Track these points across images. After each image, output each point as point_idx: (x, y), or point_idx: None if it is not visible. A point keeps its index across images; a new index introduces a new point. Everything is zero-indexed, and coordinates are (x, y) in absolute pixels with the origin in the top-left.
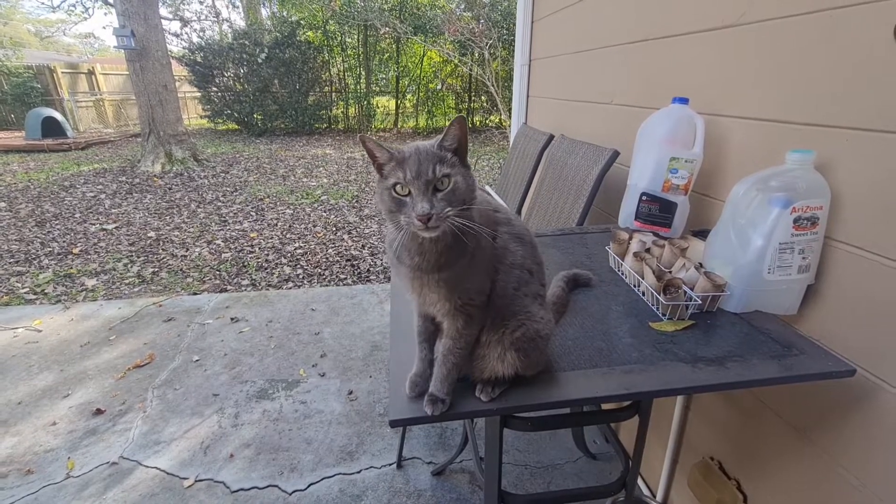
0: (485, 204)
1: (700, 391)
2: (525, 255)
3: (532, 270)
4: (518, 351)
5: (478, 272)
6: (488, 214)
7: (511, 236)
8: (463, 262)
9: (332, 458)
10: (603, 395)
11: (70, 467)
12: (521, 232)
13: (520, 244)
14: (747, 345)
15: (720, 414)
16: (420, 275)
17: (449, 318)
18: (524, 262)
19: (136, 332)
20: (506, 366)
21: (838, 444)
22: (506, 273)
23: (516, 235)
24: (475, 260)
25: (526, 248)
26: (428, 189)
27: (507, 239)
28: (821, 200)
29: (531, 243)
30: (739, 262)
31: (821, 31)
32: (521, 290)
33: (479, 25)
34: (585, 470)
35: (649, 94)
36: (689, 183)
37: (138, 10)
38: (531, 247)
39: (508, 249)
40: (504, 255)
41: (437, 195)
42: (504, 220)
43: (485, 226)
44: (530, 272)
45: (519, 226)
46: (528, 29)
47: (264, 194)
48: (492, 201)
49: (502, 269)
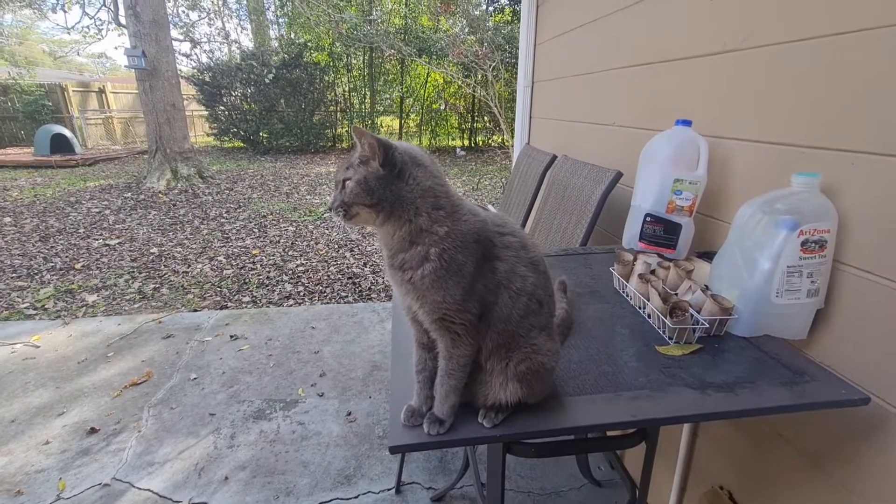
0: (491, 224)
1: (711, 419)
2: (537, 283)
3: (542, 301)
4: (521, 382)
5: (450, 285)
6: (480, 231)
7: (523, 261)
8: (427, 268)
9: (329, 482)
10: (610, 423)
11: (61, 488)
12: (535, 259)
13: (532, 271)
14: (757, 370)
15: (729, 441)
16: (390, 270)
17: (436, 334)
18: (534, 291)
19: (134, 348)
20: (509, 394)
21: (854, 476)
22: (512, 299)
23: (531, 262)
24: (444, 271)
25: (539, 277)
26: (337, 187)
27: (516, 263)
28: (828, 223)
29: (545, 273)
30: (747, 284)
31: (824, 55)
32: (529, 320)
33: (483, 48)
34: (590, 497)
35: (652, 117)
36: (693, 204)
37: (150, 31)
38: (544, 276)
39: (517, 274)
40: (511, 280)
41: (343, 192)
42: (516, 244)
43: (474, 242)
44: (540, 303)
45: (535, 252)
46: (531, 52)
47: (267, 211)
48: (502, 221)
49: (507, 293)
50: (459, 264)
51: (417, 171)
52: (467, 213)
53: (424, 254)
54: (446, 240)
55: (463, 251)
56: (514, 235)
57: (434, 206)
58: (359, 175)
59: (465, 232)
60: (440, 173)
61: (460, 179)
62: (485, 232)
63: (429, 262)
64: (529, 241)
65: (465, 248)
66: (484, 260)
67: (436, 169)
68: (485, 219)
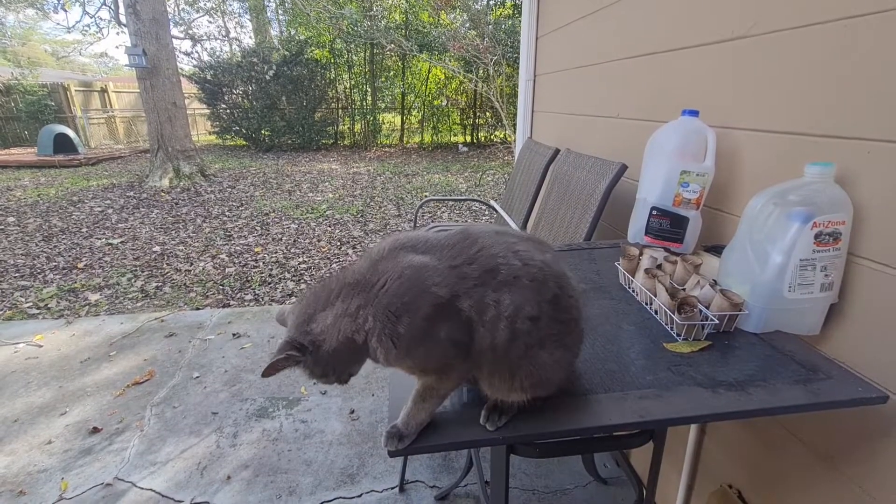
0: (438, 264)
1: (722, 419)
2: (519, 300)
3: (534, 316)
4: (526, 391)
5: (407, 355)
6: (409, 291)
7: (491, 286)
8: (380, 357)
9: (332, 480)
10: (617, 424)
11: (63, 488)
12: (509, 276)
13: (508, 291)
14: (769, 368)
15: (739, 439)
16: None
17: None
18: (516, 313)
19: (136, 347)
20: (513, 398)
21: (870, 476)
22: (489, 329)
23: (502, 283)
24: (399, 347)
25: (523, 292)
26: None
27: (482, 291)
28: (843, 215)
29: (537, 280)
30: (758, 279)
31: (836, 40)
32: (521, 342)
33: (484, 43)
34: (596, 496)
35: (657, 108)
36: (700, 197)
37: (150, 30)
38: (529, 288)
39: (485, 303)
40: (481, 311)
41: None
42: (474, 273)
43: (403, 310)
44: (531, 319)
45: (510, 269)
46: (533, 45)
47: (270, 209)
48: (461, 247)
49: (480, 326)
50: (409, 330)
51: (317, 323)
52: (378, 292)
53: (374, 352)
54: (376, 329)
55: (393, 328)
56: (472, 263)
57: (350, 317)
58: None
59: (395, 292)
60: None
61: (462, 175)
62: (419, 286)
63: (381, 357)
64: (503, 252)
65: (394, 322)
66: (437, 310)
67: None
68: (421, 266)
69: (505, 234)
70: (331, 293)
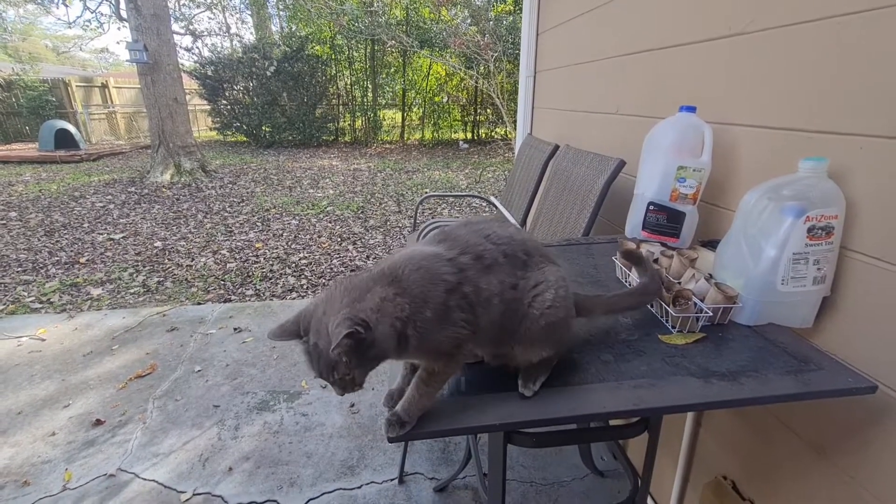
0: (438, 257)
1: (713, 407)
2: (501, 276)
3: (514, 285)
4: (543, 343)
5: (425, 343)
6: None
7: (481, 273)
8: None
9: (332, 472)
10: (610, 411)
11: (67, 479)
12: (493, 258)
13: (493, 273)
14: (761, 359)
15: (733, 431)
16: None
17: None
18: (503, 287)
19: (139, 341)
20: (533, 356)
21: (861, 466)
22: (483, 312)
23: (488, 267)
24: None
25: (502, 268)
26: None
27: (475, 278)
28: (835, 209)
29: (505, 258)
30: (751, 272)
31: (830, 37)
32: (512, 307)
33: (484, 39)
34: (593, 488)
35: (655, 104)
36: (697, 192)
37: (151, 25)
38: (506, 264)
39: (481, 287)
40: (479, 292)
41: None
42: (468, 262)
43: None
44: (513, 287)
45: (489, 252)
46: (534, 41)
47: (270, 205)
48: (452, 239)
49: (479, 305)
50: (433, 316)
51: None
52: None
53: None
54: (414, 317)
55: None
56: (464, 254)
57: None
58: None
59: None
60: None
61: (463, 172)
62: (434, 275)
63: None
64: (480, 241)
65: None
66: (450, 295)
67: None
68: (433, 255)
69: (473, 224)
70: (364, 283)
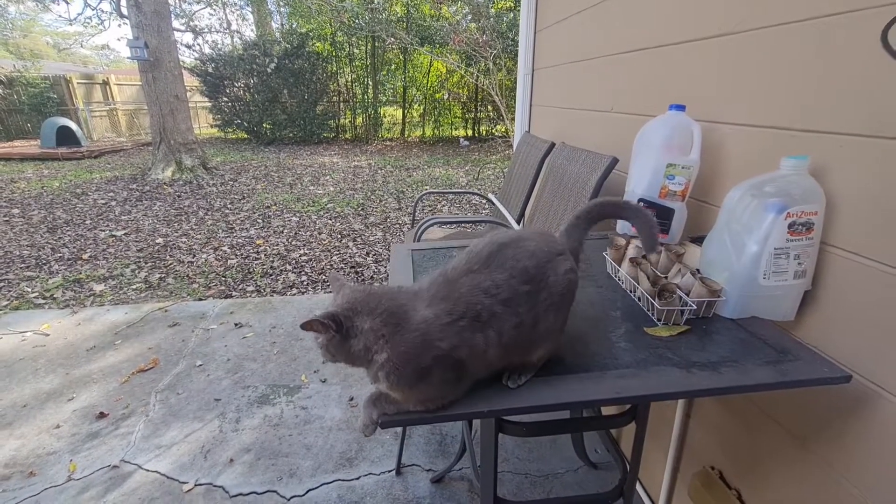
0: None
1: (693, 396)
2: (499, 326)
3: (518, 323)
4: (541, 345)
5: (409, 391)
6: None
7: (469, 336)
8: (382, 382)
9: (331, 464)
10: (594, 399)
11: (72, 470)
12: (490, 314)
13: (484, 329)
14: (742, 350)
15: (721, 422)
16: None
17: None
18: (501, 331)
19: (141, 336)
20: (534, 357)
21: (839, 454)
22: (477, 360)
23: (485, 324)
24: (397, 382)
25: (499, 318)
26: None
27: (472, 339)
28: (816, 206)
29: (504, 307)
30: (734, 267)
31: (814, 38)
32: (514, 340)
33: (484, 36)
34: (586, 479)
35: (648, 102)
36: (686, 189)
37: (152, 22)
38: (505, 312)
39: (477, 345)
40: (474, 348)
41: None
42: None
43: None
44: (516, 325)
45: (487, 309)
46: (531, 39)
47: (271, 202)
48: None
49: (468, 363)
50: (412, 372)
51: (358, 321)
52: (417, 320)
53: (374, 374)
54: (386, 364)
55: (410, 363)
56: (462, 318)
57: (375, 337)
58: (321, 341)
59: (410, 343)
60: (380, 294)
61: (463, 169)
62: (426, 344)
63: (379, 381)
64: (478, 299)
65: (411, 358)
66: (438, 360)
67: (374, 296)
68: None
69: (475, 274)
70: (375, 305)
